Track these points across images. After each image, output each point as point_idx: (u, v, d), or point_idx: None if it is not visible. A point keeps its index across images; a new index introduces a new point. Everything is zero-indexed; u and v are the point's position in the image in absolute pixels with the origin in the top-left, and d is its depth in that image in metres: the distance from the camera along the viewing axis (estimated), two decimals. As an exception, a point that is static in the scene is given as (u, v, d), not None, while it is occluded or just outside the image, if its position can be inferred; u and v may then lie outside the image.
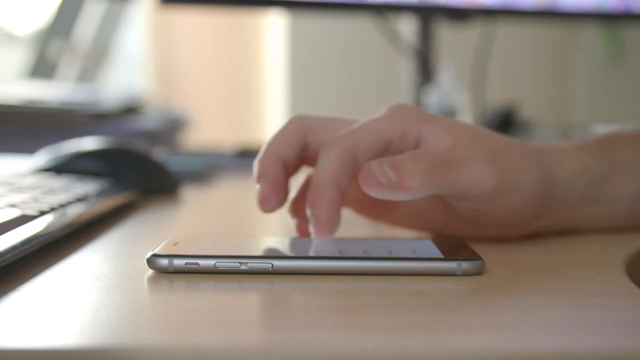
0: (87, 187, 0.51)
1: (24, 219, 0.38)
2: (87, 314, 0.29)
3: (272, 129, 0.45)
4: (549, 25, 1.84)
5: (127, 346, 0.25)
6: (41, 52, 1.66)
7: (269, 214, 0.42)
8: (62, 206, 0.44)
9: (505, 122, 1.06)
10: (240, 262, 0.34)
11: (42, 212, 0.41)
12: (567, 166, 0.44)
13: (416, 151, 0.40)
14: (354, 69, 1.90)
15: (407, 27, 1.13)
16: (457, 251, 0.36)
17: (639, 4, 1.05)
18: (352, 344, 0.26)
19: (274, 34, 2.07)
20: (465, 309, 0.31)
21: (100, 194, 0.51)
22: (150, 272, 0.35)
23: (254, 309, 0.31)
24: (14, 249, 0.34)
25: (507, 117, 1.08)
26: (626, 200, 0.45)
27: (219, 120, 2.05)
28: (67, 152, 0.59)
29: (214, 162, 0.78)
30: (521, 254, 0.41)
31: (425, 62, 1.09)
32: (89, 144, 0.61)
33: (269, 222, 0.55)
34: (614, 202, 0.45)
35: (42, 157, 0.60)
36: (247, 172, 0.83)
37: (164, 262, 0.34)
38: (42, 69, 1.65)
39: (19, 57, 1.83)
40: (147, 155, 0.62)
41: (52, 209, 0.42)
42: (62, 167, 0.58)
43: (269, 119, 2.12)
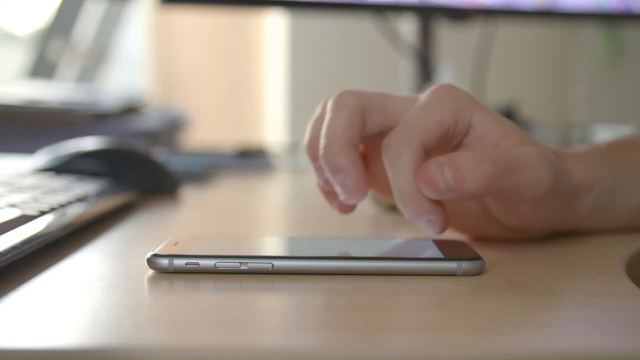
0: (87, 187, 0.51)
1: (24, 219, 0.38)
2: (87, 314, 0.29)
3: (272, 129, 0.45)
4: (549, 25, 1.84)
5: (127, 346, 0.25)
6: (41, 52, 1.66)
7: (349, 212, 0.42)
8: (62, 206, 0.44)
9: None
10: (240, 262, 0.34)
11: (42, 212, 0.41)
12: (581, 177, 0.43)
13: (477, 152, 0.39)
14: (354, 69, 1.90)
15: (407, 27, 1.13)
16: (457, 251, 0.36)
17: (639, 4, 1.05)
18: (352, 344, 0.26)
19: (274, 34, 2.07)
20: (465, 309, 0.31)
21: (100, 194, 0.51)
22: (150, 272, 0.35)
23: (254, 309, 0.31)
24: (14, 249, 0.34)
25: (507, 117, 1.07)
26: (632, 210, 0.45)
27: (219, 120, 2.05)
28: (67, 152, 0.59)
29: (214, 162, 0.78)
30: (521, 254, 0.41)
31: (425, 62, 1.09)
32: (89, 144, 0.61)
33: (269, 222, 0.55)
34: (620, 212, 0.45)
35: (42, 157, 0.60)
36: (247, 172, 0.83)
37: (164, 262, 0.34)
38: (42, 69, 1.65)
39: (19, 57, 1.83)
40: (147, 155, 0.62)
41: (52, 209, 0.42)
42: (62, 167, 0.58)
43: (269, 119, 2.12)
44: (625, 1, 1.05)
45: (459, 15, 1.02)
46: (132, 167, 0.60)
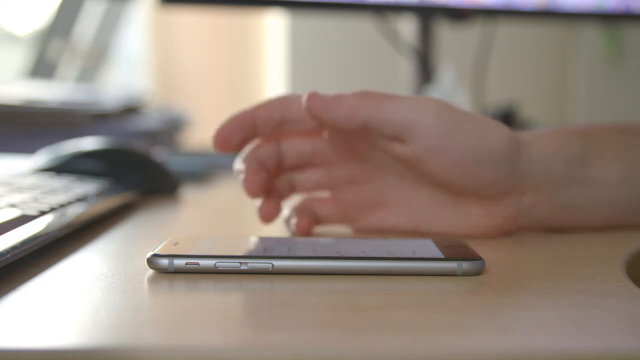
0: (87, 187, 0.51)
1: (24, 219, 0.38)
2: (87, 314, 0.29)
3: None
4: (549, 25, 1.84)
5: (127, 346, 0.25)
6: (41, 52, 1.66)
7: (220, 151, 0.45)
8: (62, 206, 0.44)
9: (505, 122, 1.05)
10: (240, 262, 0.34)
11: (42, 212, 0.41)
12: (541, 142, 0.44)
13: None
14: (354, 69, 1.90)
15: (407, 27, 1.13)
16: (457, 251, 0.36)
17: (639, 4, 1.05)
18: (352, 344, 0.26)
19: (274, 34, 2.07)
20: (465, 309, 0.31)
21: (100, 194, 0.51)
22: (150, 272, 0.35)
23: (254, 309, 0.31)
24: (14, 249, 0.34)
25: (507, 117, 1.07)
26: (614, 184, 0.45)
27: (219, 120, 2.05)
28: (67, 152, 0.59)
29: (214, 162, 0.78)
30: (521, 254, 0.41)
31: (425, 62, 1.09)
32: (89, 144, 0.61)
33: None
34: (601, 186, 0.45)
35: (42, 157, 0.60)
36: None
37: (164, 262, 0.34)
38: (42, 69, 1.65)
39: (19, 57, 1.83)
40: (147, 155, 0.62)
41: (52, 209, 0.42)
42: (62, 167, 0.58)
43: (269, 119, 2.11)
44: (625, 1, 1.05)
45: (459, 15, 1.02)
46: (132, 167, 0.60)
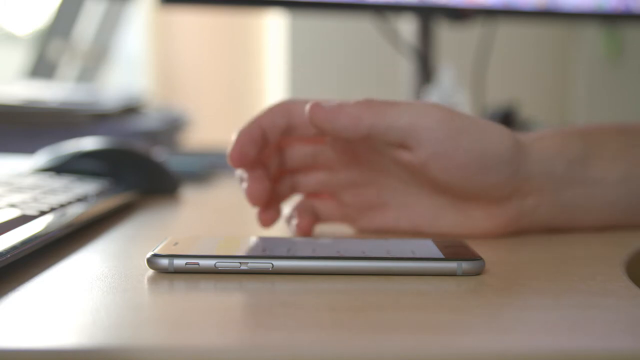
0: (87, 187, 0.51)
1: (24, 219, 0.38)
2: (87, 314, 0.29)
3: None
4: (549, 25, 1.84)
5: (127, 346, 0.25)
6: (41, 52, 1.66)
7: (237, 168, 0.44)
8: (62, 206, 0.44)
9: (505, 122, 1.06)
10: (240, 262, 0.34)
11: (42, 212, 0.41)
12: (542, 143, 0.44)
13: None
14: (354, 69, 1.90)
15: (407, 27, 1.13)
16: (458, 251, 0.36)
17: (639, 4, 1.05)
18: (352, 344, 0.26)
19: (274, 34, 2.07)
20: (465, 309, 0.31)
21: (100, 194, 0.51)
22: (150, 272, 0.35)
23: (254, 309, 0.31)
24: (14, 249, 0.34)
25: (507, 117, 1.07)
26: (615, 184, 0.45)
27: (219, 120, 2.05)
28: (67, 152, 0.59)
29: (214, 162, 0.78)
30: (521, 254, 0.41)
31: (425, 62, 1.09)
32: (89, 144, 0.61)
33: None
34: (601, 186, 0.45)
35: (42, 157, 0.60)
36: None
37: (164, 262, 0.34)
38: (42, 69, 1.65)
39: (19, 57, 1.83)
40: (147, 155, 0.62)
41: (52, 209, 0.42)
42: (62, 167, 0.58)
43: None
44: (625, 1, 1.05)
45: (459, 15, 1.02)
46: (132, 167, 0.60)
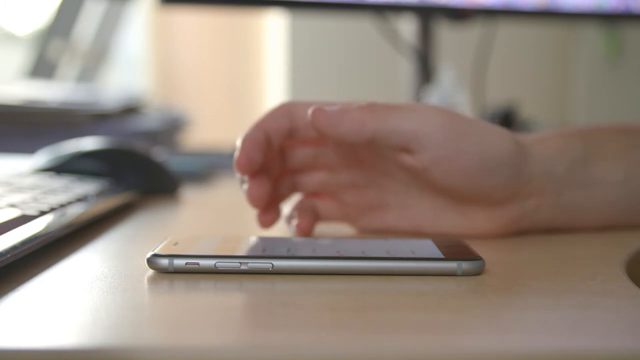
0: (87, 187, 0.51)
1: (24, 219, 0.38)
2: (87, 314, 0.29)
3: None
4: (549, 25, 1.84)
5: (127, 346, 0.25)
6: (41, 52, 1.66)
7: (245, 175, 0.43)
8: (62, 206, 0.44)
9: (505, 122, 1.06)
10: (240, 262, 0.34)
11: (42, 212, 0.41)
12: (544, 144, 0.44)
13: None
14: (354, 69, 1.90)
15: (407, 27, 1.13)
16: (458, 251, 0.36)
17: (639, 4, 1.05)
18: (352, 344, 0.26)
19: (274, 34, 2.07)
20: (465, 309, 0.31)
21: (100, 194, 0.51)
22: (150, 272, 0.35)
23: (254, 309, 0.31)
24: (14, 249, 0.34)
25: (507, 117, 1.07)
26: (615, 185, 0.45)
27: (219, 120, 2.05)
28: (67, 152, 0.59)
29: (214, 162, 0.78)
30: (521, 254, 0.41)
31: (425, 62, 1.09)
32: (89, 144, 0.61)
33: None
34: (601, 187, 0.45)
35: (42, 157, 0.60)
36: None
37: (164, 262, 0.34)
38: (42, 69, 1.65)
39: (19, 57, 1.83)
40: (147, 155, 0.62)
41: (52, 209, 0.42)
42: (62, 167, 0.58)
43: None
44: (625, 1, 1.05)
45: (459, 15, 1.02)
46: (132, 167, 0.60)
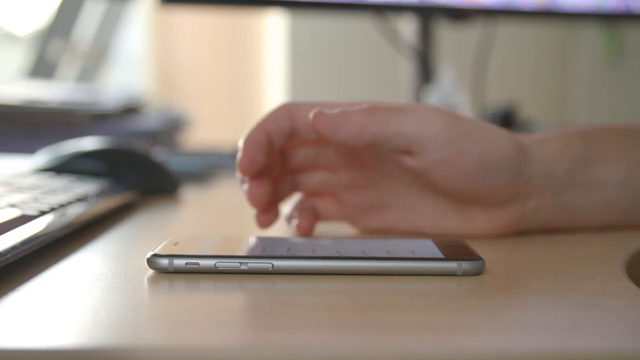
0: (87, 187, 0.51)
1: (24, 219, 0.38)
2: (87, 314, 0.29)
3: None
4: (549, 25, 1.84)
5: (127, 346, 0.25)
6: (41, 52, 1.66)
7: (247, 176, 0.43)
8: (62, 206, 0.44)
9: (505, 122, 1.06)
10: (240, 262, 0.34)
11: (42, 212, 0.41)
12: (544, 145, 0.44)
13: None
14: (354, 69, 1.90)
15: (407, 27, 1.13)
16: (458, 251, 0.36)
17: (639, 4, 1.05)
18: (352, 344, 0.26)
19: (274, 34, 2.07)
20: (465, 309, 0.31)
21: (100, 194, 0.51)
22: (150, 272, 0.35)
23: (254, 309, 0.31)
24: (14, 249, 0.34)
25: (507, 117, 1.07)
26: (615, 185, 0.45)
27: (219, 120, 2.05)
28: (67, 152, 0.59)
29: (214, 162, 0.78)
30: (521, 254, 0.41)
31: (425, 62, 1.09)
32: (89, 144, 0.61)
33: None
34: (602, 187, 0.45)
35: (42, 157, 0.60)
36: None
37: (164, 262, 0.34)
38: (42, 69, 1.65)
39: (19, 57, 1.83)
40: (147, 155, 0.62)
41: (52, 209, 0.42)
42: (62, 167, 0.58)
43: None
44: (625, 1, 1.05)
45: (459, 15, 1.02)
46: (132, 167, 0.60)
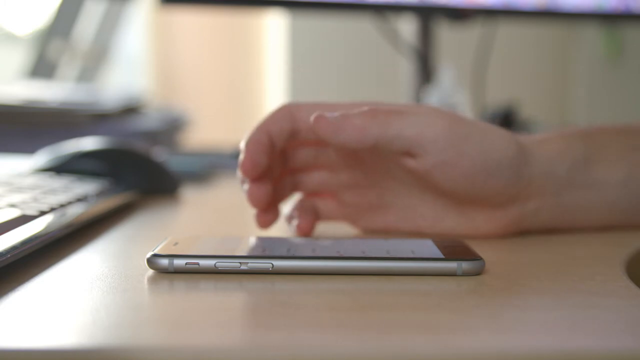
0: (87, 187, 0.51)
1: (24, 219, 0.38)
2: (87, 314, 0.29)
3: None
4: (549, 25, 1.84)
5: (127, 346, 0.25)
6: (41, 52, 1.66)
7: (250, 178, 0.43)
8: (62, 206, 0.44)
9: (505, 122, 1.06)
10: (240, 262, 0.34)
11: (42, 212, 0.41)
12: (544, 145, 0.44)
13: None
14: (354, 69, 1.90)
15: (407, 27, 1.13)
16: (458, 251, 0.36)
17: (639, 4, 1.05)
18: (352, 344, 0.26)
19: (274, 34, 2.07)
20: (465, 309, 0.31)
21: (100, 194, 0.51)
22: (150, 272, 0.35)
23: (254, 309, 0.31)
24: (14, 249, 0.34)
25: (507, 117, 1.07)
26: (615, 186, 0.45)
27: (219, 120, 2.05)
28: (67, 152, 0.59)
29: (214, 162, 0.78)
30: (521, 254, 0.41)
31: (425, 62, 1.09)
32: (89, 144, 0.61)
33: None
34: (602, 188, 0.45)
35: (42, 157, 0.60)
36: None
37: (164, 262, 0.34)
38: (42, 69, 1.65)
39: (19, 57, 1.83)
40: (147, 155, 0.62)
41: (52, 209, 0.42)
42: (62, 167, 0.58)
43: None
44: (625, 1, 1.05)
45: (459, 15, 1.02)
46: (132, 167, 0.60)
